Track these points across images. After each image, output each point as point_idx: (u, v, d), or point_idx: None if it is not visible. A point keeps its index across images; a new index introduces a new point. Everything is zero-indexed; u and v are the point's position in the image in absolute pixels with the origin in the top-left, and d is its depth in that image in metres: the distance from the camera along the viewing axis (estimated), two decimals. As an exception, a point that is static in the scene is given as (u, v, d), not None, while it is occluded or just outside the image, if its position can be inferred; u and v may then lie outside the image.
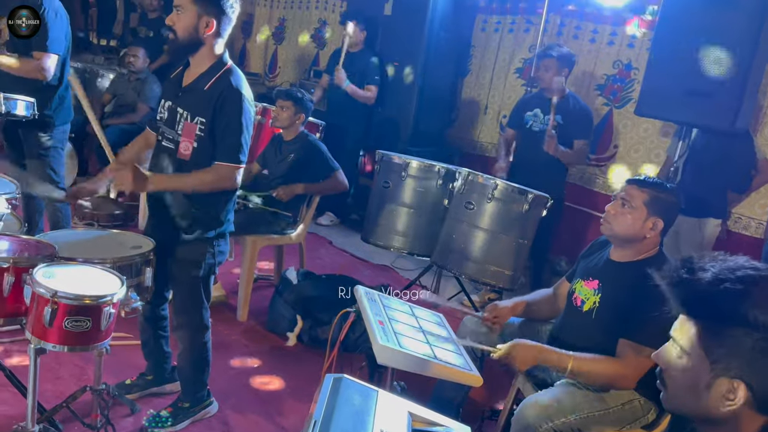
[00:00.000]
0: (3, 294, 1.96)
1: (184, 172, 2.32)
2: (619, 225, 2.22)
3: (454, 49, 5.52)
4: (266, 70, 7.53)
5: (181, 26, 2.24)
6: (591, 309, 2.27)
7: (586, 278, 2.35)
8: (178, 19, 2.24)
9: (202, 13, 2.23)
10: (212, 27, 2.26)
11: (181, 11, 2.23)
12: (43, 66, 3.23)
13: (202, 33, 2.25)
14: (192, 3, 2.22)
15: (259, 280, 4.12)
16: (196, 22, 2.23)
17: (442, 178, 3.69)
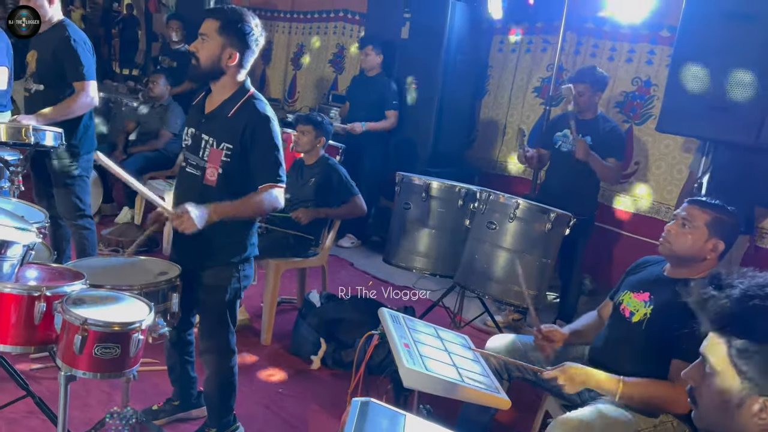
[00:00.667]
0: (34, 322, 1.99)
1: (209, 198, 2.35)
2: (679, 245, 2.21)
3: (471, 70, 5.55)
4: (285, 96, 7.63)
5: (204, 54, 2.28)
6: (641, 320, 2.23)
7: (636, 290, 2.32)
8: (202, 46, 2.29)
9: (226, 45, 2.27)
10: (235, 59, 2.30)
11: (206, 40, 2.27)
12: (89, 94, 3.35)
13: (224, 63, 2.30)
14: (217, 33, 2.26)
15: (283, 304, 4.13)
16: (220, 52, 2.28)
17: (463, 198, 3.69)
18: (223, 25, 2.27)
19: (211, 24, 2.28)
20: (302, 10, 7.47)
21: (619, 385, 2.08)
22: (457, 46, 5.31)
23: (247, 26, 2.30)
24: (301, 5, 7.49)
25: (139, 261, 2.64)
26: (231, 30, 2.27)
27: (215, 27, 2.27)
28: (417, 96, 5.47)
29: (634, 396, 2.08)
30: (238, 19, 2.29)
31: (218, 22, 2.27)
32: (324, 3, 7.17)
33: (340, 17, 6.98)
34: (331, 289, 4.10)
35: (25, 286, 2.02)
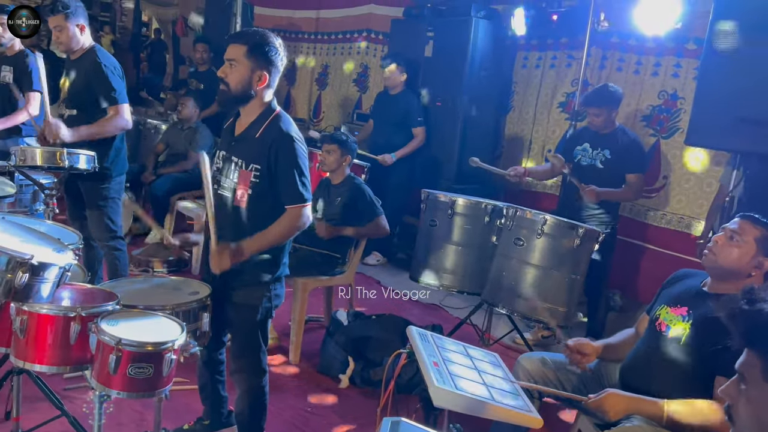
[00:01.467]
0: (70, 342, 2.02)
1: (240, 219, 2.38)
2: (725, 258, 2.16)
3: (495, 87, 5.56)
4: (311, 115, 7.71)
5: (234, 79, 2.32)
6: (679, 336, 2.17)
7: (673, 305, 2.27)
8: (231, 72, 2.32)
9: (255, 68, 2.31)
10: (265, 81, 2.34)
11: (235, 65, 2.31)
12: (123, 117, 3.43)
13: (255, 86, 2.34)
14: (246, 57, 2.30)
15: (310, 322, 4.14)
16: (250, 75, 2.31)
17: (489, 214, 3.68)
18: (250, 49, 2.30)
19: (238, 49, 2.32)
20: (326, 31, 7.58)
21: (663, 409, 2.02)
22: (481, 63, 5.33)
23: (273, 47, 2.35)
24: (325, 26, 7.59)
25: (170, 281, 2.68)
26: (258, 52, 2.31)
27: (243, 51, 2.31)
28: (441, 113, 5.49)
29: (681, 420, 2.01)
30: (263, 41, 2.33)
31: (245, 46, 2.31)
32: (348, 24, 7.26)
33: (363, 37, 7.06)
34: (358, 307, 4.11)
35: (60, 307, 2.06)
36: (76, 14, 3.37)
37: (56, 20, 3.32)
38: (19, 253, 1.86)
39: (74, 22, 3.37)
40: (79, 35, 3.42)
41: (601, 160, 3.97)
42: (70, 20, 3.35)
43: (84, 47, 3.47)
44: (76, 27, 3.39)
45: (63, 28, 3.35)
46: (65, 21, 3.33)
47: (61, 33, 3.36)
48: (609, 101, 3.91)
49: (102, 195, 3.51)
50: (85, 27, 3.46)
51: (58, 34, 3.37)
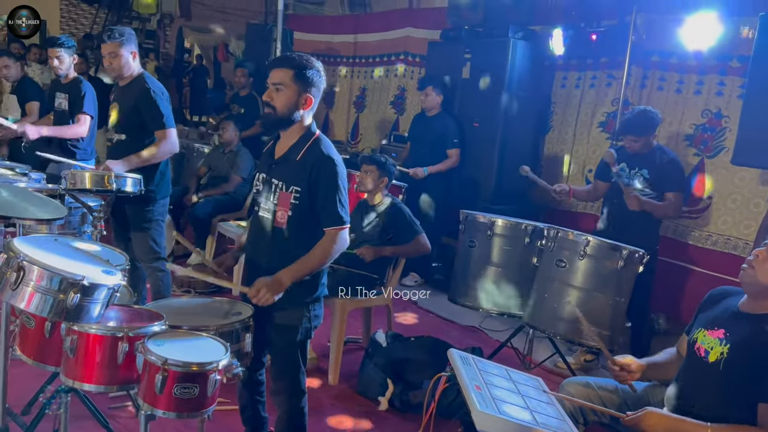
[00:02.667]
0: (117, 362, 2.06)
1: (280, 240, 2.41)
2: (765, 273, 2.05)
3: (533, 107, 5.54)
4: (349, 137, 7.79)
5: (281, 103, 2.36)
6: (718, 360, 2.10)
7: (710, 327, 2.19)
8: (278, 96, 2.36)
9: (301, 91, 2.36)
10: (310, 103, 2.39)
11: (282, 89, 2.35)
12: (170, 141, 3.53)
13: (301, 108, 2.38)
14: (293, 81, 2.34)
15: (348, 343, 4.14)
16: (296, 99, 2.36)
17: (529, 235, 3.65)
18: (297, 73, 2.35)
19: (285, 73, 2.36)
20: (364, 55, 7.67)
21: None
22: (519, 83, 5.32)
23: (316, 71, 2.40)
24: (362, 50, 7.69)
25: (213, 301, 2.71)
26: (304, 76, 2.36)
27: (290, 75, 2.35)
28: (478, 134, 5.49)
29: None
30: (308, 65, 2.38)
31: (292, 70, 2.35)
32: (385, 47, 7.34)
33: (401, 60, 7.13)
34: (396, 329, 4.10)
35: (108, 327, 2.10)
36: (129, 41, 3.50)
37: (111, 47, 3.44)
38: (71, 274, 1.92)
39: (128, 50, 3.49)
40: (131, 62, 3.54)
41: (639, 180, 3.90)
42: (125, 47, 3.47)
43: (134, 74, 3.58)
44: (130, 54, 3.51)
45: (117, 55, 3.46)
46: (120, 48, 3.45)
47: (114, 59, 3.47)
48: (647, 130, 3.85)
49: (147, 217, 3.60)
50: (136, 54, 3.58)
51: (112, 60, 3.47)
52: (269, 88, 2.39)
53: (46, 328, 2.24)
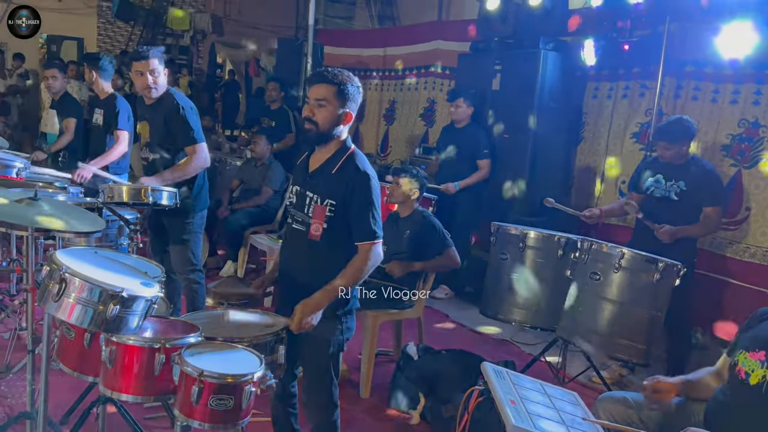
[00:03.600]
0: (154, 373, 2.10)
1: (315, 253, 2.43)
2: None
3: (565, 118, 5.50)
4: (378, 150, 7.82)
5: (323, 118, 2.38)
6: (760, 383, 2.05)
7: (751, 349, 2.14)
8: (320, 112, 2.38)
9: (343, 107, 2.39)
10: (350, 119, 2.42)
11: (325, 104, 2.37)
12: (201, 156, 3.57)
13: (342, 124, 2.41)
14: (335, 98, 2.37)
15: (379, 356, 4.13)
16: (338, 114, 2.39)
17: (562, 248, 3.61)
18: (339, 90, 2.37)
19: (328, 89, 2.37)
20: (393, 68, 7.72)
21: None
22: (550, 94, 5.29)
23: (356, 87, 2.43)
24: (392, 63, 7.73)
25: (246, 313, 2.73)
26: (345, 93, 2.38)
27: (332, 92, 2.37)
28: (509, 146, 5.47)
29: None
30: (348, 81, 2.41)
31: (335, 87, 2.37)
32: (414, 60, 7.37)
33: (430, 72, 7.15)
34: (427, 342, 4.08)
35: (146, 339, 2.14)
36: (162, 60, 3.56)
37: (152, 64, 3.48)
38: (111, 286, 1.96)
39: (162, 68, 3.56)
40: (164, 80, 3.61)
41: (675, 192, 3.83)
42: (162, 64, 3.54)
43: (161, 92, 3.63)
44: (163, 72, 3.58)
45: (158, 73, 3.52)
46: (159, 65, 3.52)
47: (153, 77, 3.51)
48: (681, 138, 3.78)
49: (186, 229, 3.64)
50: (168, 72, 3.64)
51: (151, 77, 3.50)
52: (310, 104, 2.40)
53: (86, 339, 2.28)
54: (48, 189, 3.71)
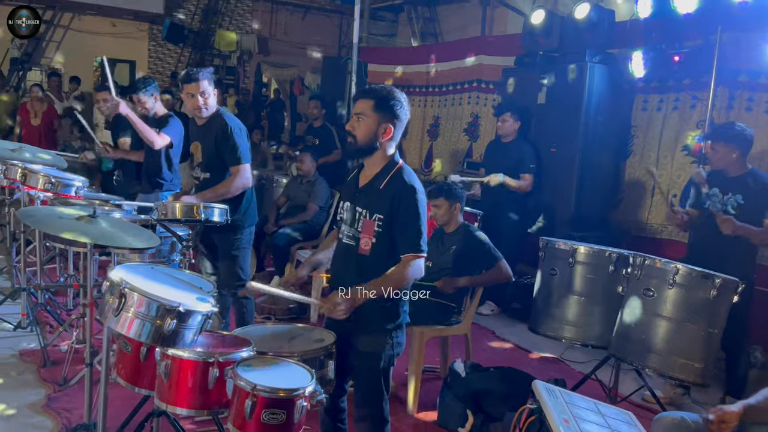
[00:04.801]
0: (208, 387, 2.13)
1: (364, 267, 2.45)
2: None
3: (612, 131, 5.42)
4: (422, 165, 7.83)
5: (361, 132, 2.43)
6: None
7: None
8: (359, 125, 2.43)
9: (381, 120, 2.41)
10: (390, 133, 2.43)
11: (363, 118, 2.42)
12: (243, 176, 3.63)
13: (380, 138, 2.43)
14: (373, 111, 2.41)
15: (426, 372, 4.10)
16: (376, 128, 2.42)
17: (614, 263, 3.53)
18: (377, 103, 2.41)
19: (366, 103, 2.43)
20: (437, 84, 7.74)
21: None
22: (597, 107, 5.22)
23: (397, 102, 2.44)
24: (435, 79, 7.76)
25: (296, 328, 2.76)
26: (385, 106, 2.41)
27: (370, 105, 2.41)
28: (556, 160, 5.40)
29: None
30: (389, 96, 2.43)
31: (373, 100, 2.42)
32: (458, 75, 7.38)
33: (474, 87, 7.14)
34: (474, 358, 4.03)
35: (200, 353, 2.18)
36: (211, 81, 3.65)
37: (202, 86, 3.56)
38: (168, 301, 2.00)
39: (211, 88, 3.64)
40: (215, 100, 3.69)
41: (733, 206, 3.71)
42: (212, 85, 3.63)
43: (212, 112, 3.71)
44: (212, 93, 3.66)
45: (207, 94, 3.61)
46: (209, 86, 3.61)
47: (203, 98, 3.59)
48: (736, 140, 3.66)
49: (234, 245, 3.71)
50: (217, 93, 3.73)
51: (201, 99, 3.59)
52: (352, 118, 2.46)
53: (142, 353, 2.33)
54: (104, 207, 3.82)
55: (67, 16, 11.42)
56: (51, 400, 3.42)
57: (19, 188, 4.01)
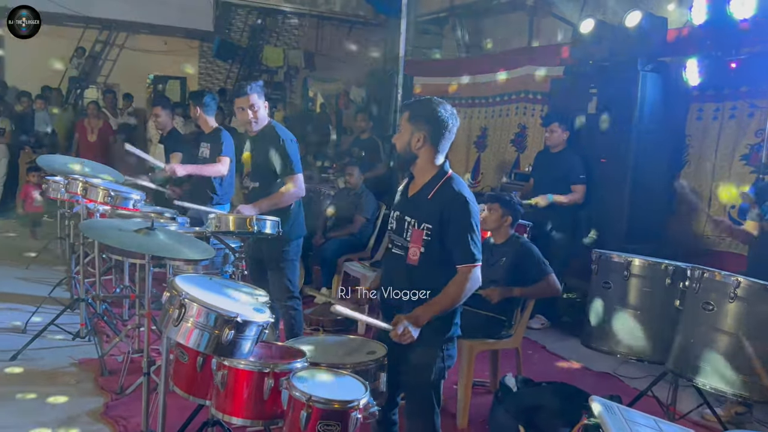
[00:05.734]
0: (263, 397, 2.15)
1: (413, 276, 2.46)
2: None
3: (666, 141, 5.28)
4: (470, 178, 7.79)
5: (398, 142, 2.52)
6: None
7: None
8: (399, 137, 2.53)
9: (414, 131, 2.47)
10: (421, 142, 2.47)
11: (401, 129, 2.52)
12: (297, 186, 3.72)
13: (414, 147, 2.47)
14: (407, 122, 2.49)
15: (475, 386, 4.05)
16: (409, 138, 2.47)
17: (671, 276, 3.43)
18: (411, 114, 2.49)
19: (404, 115, 2.53)
20: (483, 95, 7.70)
21: None
22: (650, 117, 5.11)
23: (433, 111, 2.46)
24: (481, 91, 7.72)
25: (347, 339, 2.77)
26: (418, 117, 2.47)
27: (406, 117, 2.51)
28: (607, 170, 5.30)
29: None
30: (422, 106, 2.50)
31: (408, 112, 2.51)
32: (504, 86, 7.33)
33: (521, 98, 7.08)
34: (525, 373, 3.96)
35: (256, 363, 2.21)
36: (261, 94, 3.73)
37: (252, 99, 3.68)
38: (226, 311, 2.04)
39: (261, 101, 3.73)
40: (264, 112, 3.78)
41: None
42: (262, 98, 3.71)
43: (264, 123, 3.80)
44: (263, 105, 3.75)
45: (257, 107, 3.70)
46: (258, 99, 3.70)
47: (253, 111, 3.70)
48: None
49: (283, 257, 3.77)
50: (267, 105, 3.81)
51: (251, 112, 3.70)
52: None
53: (198, 363, 2.38)
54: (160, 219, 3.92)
55: (121, 36, 11.83)
56: (109, 408, 3.51)
57: (79, 202, 4.16)
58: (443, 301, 2.40)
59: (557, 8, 7.64)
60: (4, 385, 3.73)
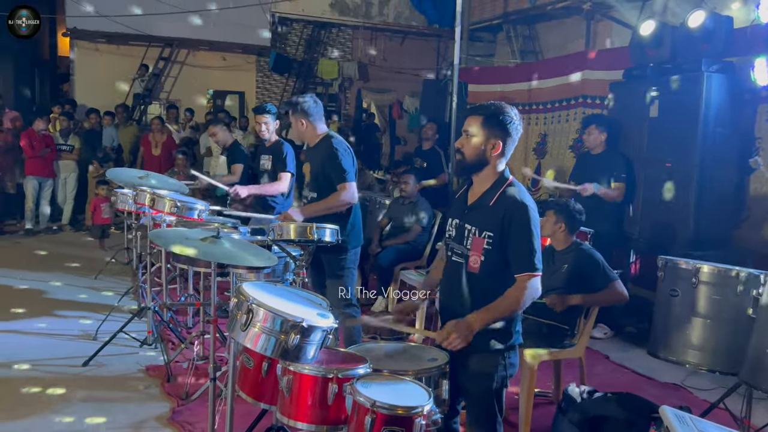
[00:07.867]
0: (327, 403, 2.17)
1: (474, 285, 2.42)
2: None
3: (734, 144, 5.10)
4: (529, 185, 7.69)
5: (469, 149, 2.43)
6: None
7: None
8: (467, 142, 2.43)
9: (490, 136, 2.40)
10: (498, 149, 2.41)
11: (471, 135, 2.42)
12: (348, 193, 3.76)
13: (488, 154, 2.41)
14: (481, 128, 2.40)
15: (537, 397, 3.98)
16: (484, 144, 2.40)
17: (743, 283, 3.31)
18: (486, 119, 2.40)
19: (475, 120, 2.43)
20: (540, 101, 7.61)
21: None
22: (716, 119, 4.95)
23: (507, 117, 2.41)
24: (538, 97, 7.64)
25: (408, 346, 2.77)
26: (493, 122, 2.40)
27: (479, 122, 2.41)
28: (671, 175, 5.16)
29: None
30: (498, 111, 2.42)
31: (481, 116, 2.42)
32: (562, 92, 7.23)
33: (579, 103, 6.97)
34: (588, 383, 3.86)
35: (320, 368, 2.23)
36: (296, 112, 3.85)
37: (290, 117, 3.89)
38: (292, 316, 2.07)
39: (297, 119, 3.87)
40: (302, 129, 3.89)
41: None
42: (299, 114, 3.85)
43: (320, 135, 3.88)
44: (299, 122, 3.88)
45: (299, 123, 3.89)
46: (293, 116, 3.87)
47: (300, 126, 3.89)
48: None
49: (341, 265, 3.80)
50: (305, 124, 3.88)
51: (298, 127, 3.90)
52: (462, 136, 2.46)
53: (263, 368, 2.42)
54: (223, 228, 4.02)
55: (182, 53, 12.25)
56: (175, 413, 3.61)
57: (145, 213, 4.31)
58: (499, 308, 2.35)
59: (616, 11, 7.50)
60: (75, 389, 3.89)
